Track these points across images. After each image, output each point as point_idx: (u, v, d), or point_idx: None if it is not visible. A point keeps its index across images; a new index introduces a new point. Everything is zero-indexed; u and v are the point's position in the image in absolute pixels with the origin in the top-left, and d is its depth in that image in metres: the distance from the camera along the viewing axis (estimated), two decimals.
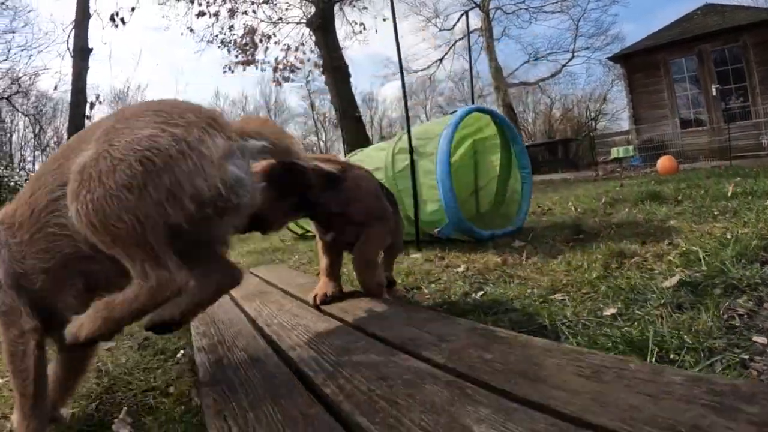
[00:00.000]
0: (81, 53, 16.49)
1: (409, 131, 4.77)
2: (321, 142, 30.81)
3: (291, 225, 7.82)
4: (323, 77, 19.09)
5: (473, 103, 5.22)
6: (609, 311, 2.32)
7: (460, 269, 3.84)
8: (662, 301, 2.27)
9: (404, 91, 5.04)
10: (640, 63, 20.36)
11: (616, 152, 19.43)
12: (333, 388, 1.30)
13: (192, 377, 2.37)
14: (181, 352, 2.75)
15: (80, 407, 2.20)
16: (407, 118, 5.00)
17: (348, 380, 1.32)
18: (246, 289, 3.10)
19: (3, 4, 22.04)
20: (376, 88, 48.77)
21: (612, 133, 27.99)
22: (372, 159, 5.63)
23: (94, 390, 2.38)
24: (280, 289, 3.00)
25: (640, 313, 2.21)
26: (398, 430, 1.03)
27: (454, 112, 5.01)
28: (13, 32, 22.97)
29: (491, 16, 24.65)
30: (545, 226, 5.28)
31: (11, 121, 24.60)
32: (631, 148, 19.24)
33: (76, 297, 1.63)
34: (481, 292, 3.09)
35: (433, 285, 3.51)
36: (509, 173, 5.65)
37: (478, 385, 1.17)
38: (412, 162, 4.74)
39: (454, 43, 29.81)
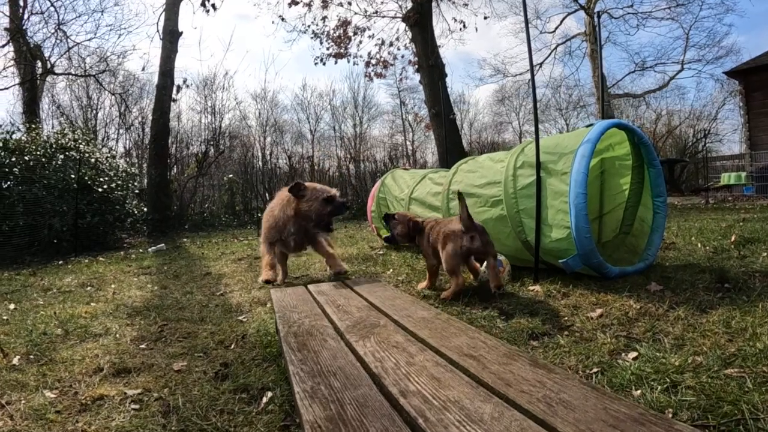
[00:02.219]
0: (170, 36, 16.70)
1: (537, 145, 4.29)
2: (408, 143, 30.17)
3: (383, 233, 7.70)
4: (416, 75, 18.73)
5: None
6: None
7: (594, 315, 3.34)
8: None
9: (534, 99, 4.54)
10: (762, 80, 18.67)
11: (727, 178, 17.96)
12: None
13: None
14: (269, 394, 2.42)
15: None
16: (536, 128, 4.51)
17: None
18: (352, 316, 2.64)
19: None
20: (468, 90, 47.79)
21: (722, 156, 26.19)
22: (486, 170, 5.17)
23: None
24: (395, 322, 2.47)
25: None
26: None
27: (591, 125, 4.49)
28: (102, 11, 23.58)
29: (596, 20, 23.46)
30: (677, 266, 4.72)
31: (98, 99, 25.26)
32: (743, 174, 17.76)
33: None
34: (633, 354, 2.62)
35: (566, 333, 3.08)
36: (639, 200, 5.07)
37: None
38: (539, 180, 4.25)
39: (555, 48, 28.64)
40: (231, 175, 19.79)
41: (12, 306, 5.02)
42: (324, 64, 20.35)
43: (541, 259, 4.45)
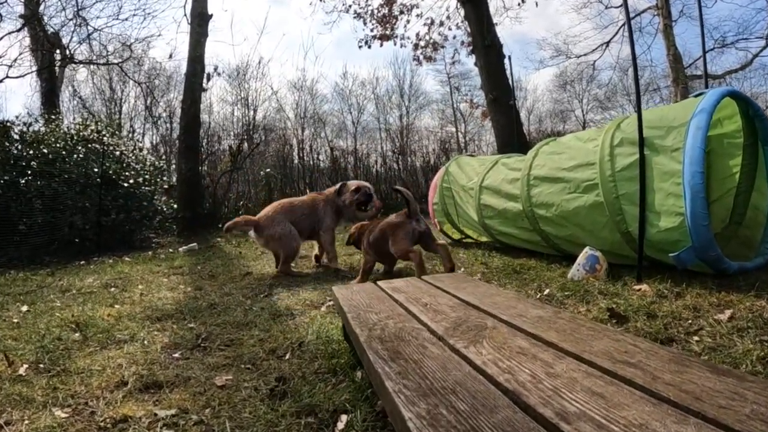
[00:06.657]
0: (199, 19, 16.43)
1: (639, 116, 3.88)
2: (459, 134, 29.60)
3: (447, 229, 7.79)
4: (468, 60, 18.20)
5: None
6: None
7: (723, 317, 2.95)
8: None
9: (634, 62, 4.11)
10: None
11: None
12: None
13: None
14: (344, 417, 2.05)
15: None
16: (638, 96, 4.08)
17: None
18: (446, 316, 2.18)
19: None
20: (525, 75, 46.40)
21: None
22: (575, 151, 4.78)
23: None
24: (506, 323, 2.01)
25: None
26: None
27: (701, 93, 4.06)
28: None
29: None
30: None
31: (121, 91, 25.42)
32: None
33: None
34: None
35: (696, 339, 2.70)
36: (752, 184, 4.60)
37: None
38: (642, 159, 3.83)
39: (623, 25, 27.61)
40: (268, 170, 19.55)
41: (24, 308, 4.83)
42: (369, 47, 19.80)
43: (644, 254, 4.04)
